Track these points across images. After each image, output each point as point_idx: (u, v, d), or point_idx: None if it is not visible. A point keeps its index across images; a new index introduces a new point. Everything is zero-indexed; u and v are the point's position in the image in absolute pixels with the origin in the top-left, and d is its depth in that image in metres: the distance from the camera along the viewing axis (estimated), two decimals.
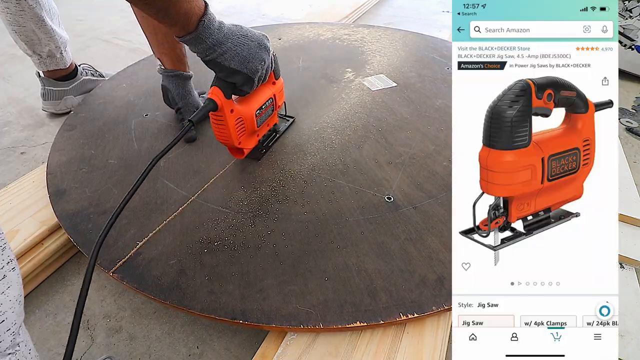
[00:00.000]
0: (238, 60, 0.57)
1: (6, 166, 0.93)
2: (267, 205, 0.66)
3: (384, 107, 0.91)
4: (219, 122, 0.62)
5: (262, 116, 0.70)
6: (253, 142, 0.73)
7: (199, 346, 0.57)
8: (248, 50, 0.57)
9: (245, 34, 0.58)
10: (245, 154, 0.72)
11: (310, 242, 0.60)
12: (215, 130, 0.65)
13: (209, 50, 0.55)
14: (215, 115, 0.61)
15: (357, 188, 0.69)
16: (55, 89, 1.03)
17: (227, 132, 0.64)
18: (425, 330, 0.52)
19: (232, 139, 0.65)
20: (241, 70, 0.57)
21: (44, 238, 0.66)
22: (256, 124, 0.69)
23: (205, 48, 0.54)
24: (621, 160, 0.89)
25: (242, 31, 0.58)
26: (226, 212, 0.65)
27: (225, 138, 0.66)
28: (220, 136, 0.66)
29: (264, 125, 0.74)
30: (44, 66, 1.00)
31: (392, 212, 0.64)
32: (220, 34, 0.54)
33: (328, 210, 0.65)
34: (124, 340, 0.58)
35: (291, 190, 0.69)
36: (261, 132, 0.75)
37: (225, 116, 0.61)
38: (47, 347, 0.57)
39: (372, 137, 0.82)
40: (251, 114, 0.66)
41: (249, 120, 0.67)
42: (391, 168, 0.73)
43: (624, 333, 0.57)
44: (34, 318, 0.61)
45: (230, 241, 0.60)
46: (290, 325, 0.49)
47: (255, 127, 0.69)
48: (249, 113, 0.66)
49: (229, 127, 0.63)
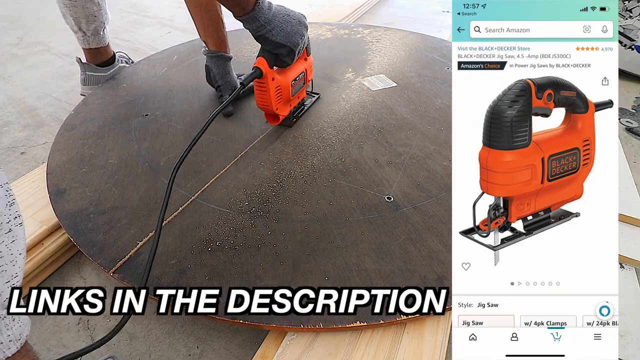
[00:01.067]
0: (283, 35, 0.66)
1: (6, 166, 0.93)
2: (268, 205, 0.66)
3: (384, 107, 0.91)
4: (262, 88, 0.72)
5: (295, 87, 0.80)
6: (287, 110, 0.82)
7: (199, 346, 0.57)
8: (291, 27, 0.67)
9: (288, 13, 0.68)
10: (280, 120, 0.80)
11: (310, 242, 0.60)
12: (258, 96, 0.74)
13: (260, 27, 0.64)
14: (259, 83, 0.71)
15: (357, 188, 0.69)
16: (94, 74, 1.06)
17: (267, 98, 0.73)
18: (425, 331, 0.52)
19: (271, 105, 0.74)
20: (285, 44, 0.67)
21: (43, 238, 0.66)
22: (291, 93, 0.78)
23: (257, 26, 0.64)
24: (621, 160, 0.89)
25: (285, 10, 0.69)
26: (226, 212, 0.65)
27: (265, 103, 0.75)
28: (261, 102, 0.75)
29: (296, 96, 0.83)
30: (86, 43, 1.03)
31: (392, 212, 0.64)
32: (269, 13, 0.64)
33: (328, 210, 0.65)
34: (124, 340, 0.58)
35: (291, 190, 0.69)
36: (294, 102, 0.84)
37: (267, 83, 0.71)
38: (47, 347, 0.57)
39: (372, 137, 0.82)
40: (288, 83, 0.76)
41: (286, 89, 0.76)
42: (391, 168, 0.73)
43: (624, 333, 0.57)
44: (33, 318, 0.61)
45: (231, 241, 0.60)
46: (290, 325, 0.50)
47: (290, 95, 0.78)
48: (286, 82, 0.76)
49: (269, 93, 0.72)
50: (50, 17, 1.85)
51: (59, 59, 1.43)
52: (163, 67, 1.13)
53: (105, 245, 0.60)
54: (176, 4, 2.07)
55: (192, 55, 1.19)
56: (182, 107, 0.93)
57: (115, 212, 0.65)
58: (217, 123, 0.87)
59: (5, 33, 0.94)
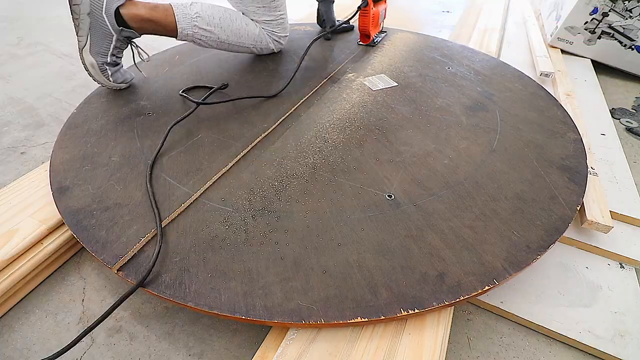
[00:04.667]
0: None
1: (6, 166, 0.92)
2: (270, 204, 0.66)
3: (385, 107, 0.92)
4: (365, 14, 1.16)
5: (380, 18, 1.26)
6: (374, 33, 1.25)
7: (199, 346, 0.57)
8: None
9: None
10: (369, 40, 1.23)
11: (311, 239, 0.60)
12: (360, 21, 1.18)
13: None
14: (364, 10, 1.15)
15: (358, 186, 0.69)
16: None
17: (367, 21, 1.17)
18: (425, 331, 0.51)
19: (369, 28, 1.18)
20: None
21: (43, 237, 0.66)
22: (379, 22, 1.26)
23: None
24: (621, 160, 0.89)
25: None
26: (229, 210, 0.65)
27: (365, 27, 1.18)
28: (362, 25, 1.18)
29: (379, 25, 1.29)
30: None
31: (392, 210, 0.64)
32: None
33: (329, 209, 0.65)
34: (124, 340, 0.58)
35: (293, 189, 0.69)
36: (376, 30, 1.27)
37: (369, 11, 1.15)
38: (47, 347, 0.57)
39: (373, 136, 0.82)
40: (378, 13, 1.22)
41: (377, 18, 1.21)
42: (392, 166, 0.73)
43: (623, 333, 0.56)
44: (34, 318, 0.61)
45: (233, 239, 0.60)
46: (292, 321, 0.49)
47: (378, 23, 1.25)
48: (378, 13, 1.21)
49: (369, 18, 1.16)
50: (50, 17, 1.85)
51: (59, 59, 1.43)
52: (165, 66, 1.13)
53: (108, 241, 0.60)
54: None
55: (193, 55, 1.19)
56: (184, 106, 0.93)
57: (118, 209, 0.65)
58: (220, 121, 0.87)
59: (5, 33, 0.94)
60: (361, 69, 1.09)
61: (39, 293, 0.64)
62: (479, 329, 0.59)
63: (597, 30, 1.30)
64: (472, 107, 0.92)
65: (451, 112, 0.90)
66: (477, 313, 0.61)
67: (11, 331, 0.59)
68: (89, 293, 0.64)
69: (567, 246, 0.70)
